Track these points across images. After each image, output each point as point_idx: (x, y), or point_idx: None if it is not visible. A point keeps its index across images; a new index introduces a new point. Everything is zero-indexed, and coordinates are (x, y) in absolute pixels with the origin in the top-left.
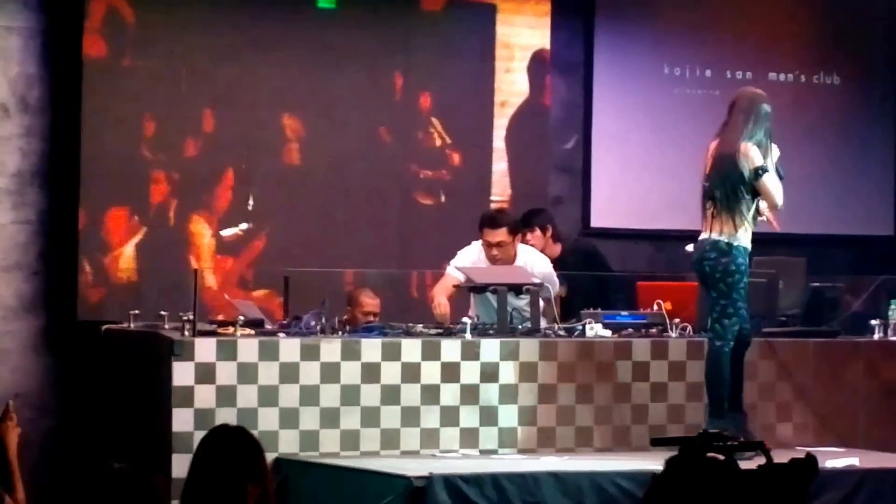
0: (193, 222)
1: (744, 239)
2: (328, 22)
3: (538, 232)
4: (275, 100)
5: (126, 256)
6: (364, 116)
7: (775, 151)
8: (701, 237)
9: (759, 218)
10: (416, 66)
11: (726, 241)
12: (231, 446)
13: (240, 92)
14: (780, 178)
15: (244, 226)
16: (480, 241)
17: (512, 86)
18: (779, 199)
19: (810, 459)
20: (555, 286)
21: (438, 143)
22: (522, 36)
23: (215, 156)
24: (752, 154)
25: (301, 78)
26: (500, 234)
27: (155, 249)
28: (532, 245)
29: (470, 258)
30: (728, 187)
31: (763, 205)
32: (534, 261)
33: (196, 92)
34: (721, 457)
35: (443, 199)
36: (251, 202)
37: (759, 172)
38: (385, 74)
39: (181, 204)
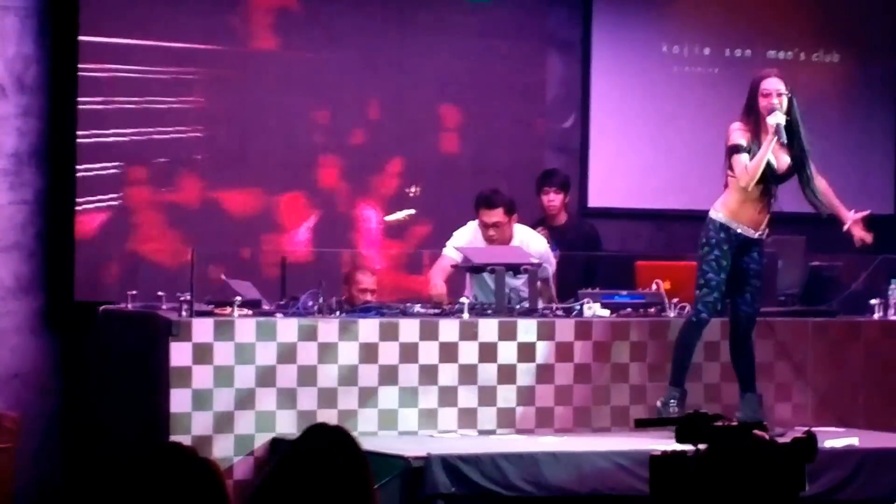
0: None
1: (725, 214)
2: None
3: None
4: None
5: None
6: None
7: (770, 126)
8: None
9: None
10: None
11: (710, 214)
12: (333, 454)
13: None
14: (780, 143)
15: (406, 213)
16: (476, 222)
17: None
18: (743, 180)
19: (810, 438)
20: (552, 266)
21: None
22: None
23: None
24: (728, 132)
25: (457, 67)
26: (497, 215)
27: None
28: (553, 205)
29: (465, 238)
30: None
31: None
32: (530, 240)
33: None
34: (766, 435)
35: None
36: (413, 189)
37: (728, 152)
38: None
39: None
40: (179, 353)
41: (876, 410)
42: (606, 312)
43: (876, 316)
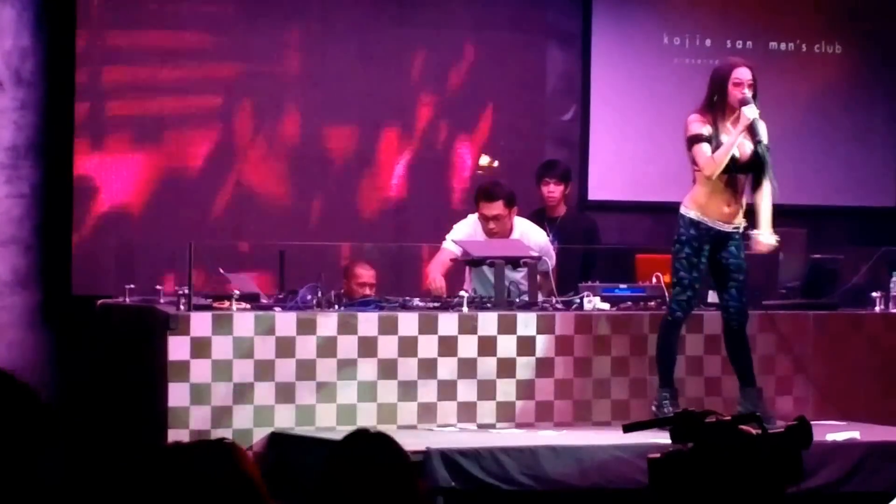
0: None
1: (694, 209)
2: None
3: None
4: None
5: None
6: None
7: (744, 117)
8: None
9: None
10: None
11: (680, 210)
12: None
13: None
14: (754, 140)
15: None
16: (476, 215)
17: None
18: (707, 169)
19: (802, 423)
20: (552, 259)
21: None
22: None
23: None
24: (686, 124)
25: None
26: (497, 207)
27: None
28: (553, 196)
29: (465, 231)
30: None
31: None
32: (530, 233)
33: None
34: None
35: None
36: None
37: (688, 143)
38: None
39: None
40: (177, 347)
41: (878, 403)
42: (606, 306)
43: (877, 309)
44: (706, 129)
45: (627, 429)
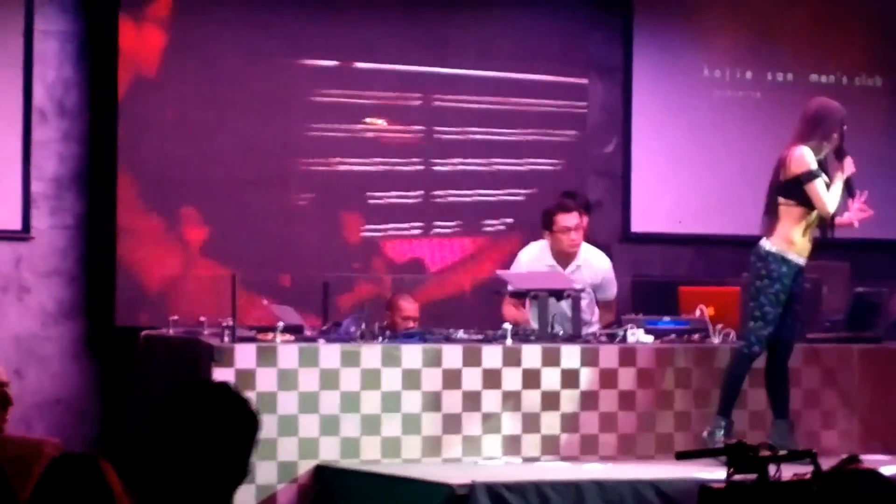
0: None
1: (785, 245)
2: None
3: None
4: None
5: None
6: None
7: (848, 166)
8: None
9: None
10: None
11: (766, 246)
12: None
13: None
14: (850, 194)
15: None
16: (542, 241)
17: None
18: (830, 206)
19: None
20: (613, 287)
21: None
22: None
23: None
24: (800, 157)
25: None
26: (575, 217)
27: None
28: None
29: (532, 255)
30: (773, 192)
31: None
32: (592, 259)
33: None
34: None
35: None
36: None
37: (805, 177)
38: None
39: None
40: (222, 380)
41: None
42: (650, 339)
43: None
44: (816, 165)
45: (680, 456)
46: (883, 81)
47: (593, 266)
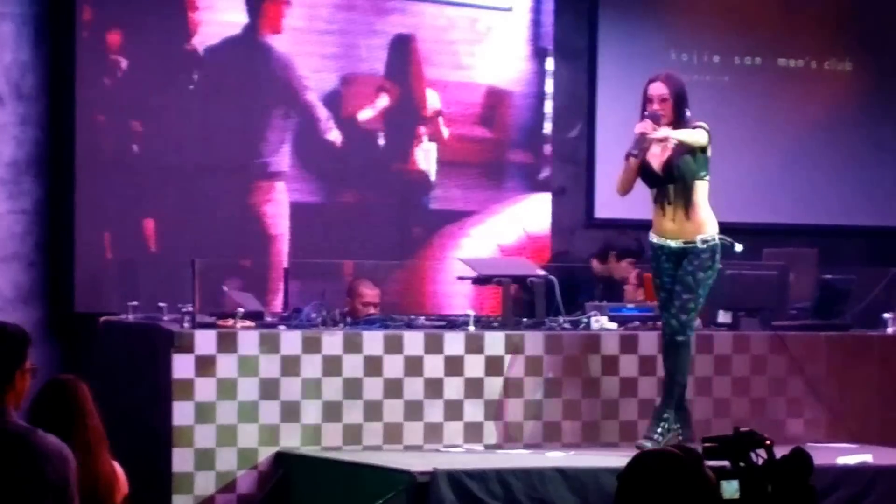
0: None
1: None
2: None
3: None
4: None
5: None
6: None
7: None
8: None
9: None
10: None
11: (707, 238)
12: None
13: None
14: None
15: None
16: None
17: None
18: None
19: (800, 453)
20: None
21: None
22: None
23: None
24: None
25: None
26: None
27: None
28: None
29: None
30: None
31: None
32: None
33: None
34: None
35: None
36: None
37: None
38: None
39: None
40: (182, 365)
41: (890, 426)
42: (614, 325)
43: (889, 330)
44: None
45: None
46: (853, 65)
47: None
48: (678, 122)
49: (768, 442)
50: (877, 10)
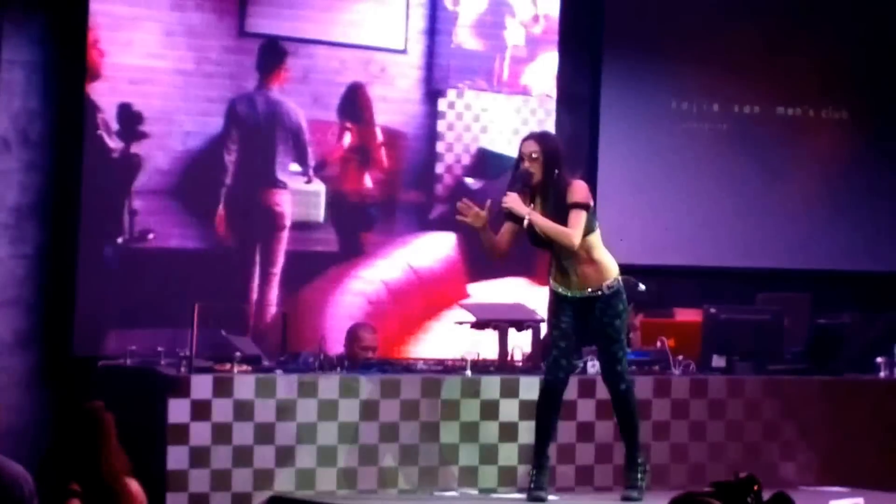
0: None
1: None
2: None
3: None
4: None
5: None
6: None
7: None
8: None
9: None
10: None
11: (614, 284)
12: None
13: None
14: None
15: None
16: None
17: None
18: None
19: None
20: None
21: None
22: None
23: None
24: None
25: None
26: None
27: None
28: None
29: None
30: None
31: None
32: None
33: None
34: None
35: None
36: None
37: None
38: None
39: None
40: (177, 410)
41: (882, 470)
42: None
43: (882, 375)
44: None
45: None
46: (849, 114)
47: None
48: (548, 180)
49: (756, 487)
50: (872, 60)
